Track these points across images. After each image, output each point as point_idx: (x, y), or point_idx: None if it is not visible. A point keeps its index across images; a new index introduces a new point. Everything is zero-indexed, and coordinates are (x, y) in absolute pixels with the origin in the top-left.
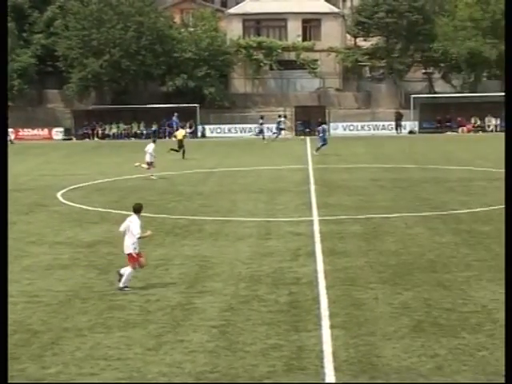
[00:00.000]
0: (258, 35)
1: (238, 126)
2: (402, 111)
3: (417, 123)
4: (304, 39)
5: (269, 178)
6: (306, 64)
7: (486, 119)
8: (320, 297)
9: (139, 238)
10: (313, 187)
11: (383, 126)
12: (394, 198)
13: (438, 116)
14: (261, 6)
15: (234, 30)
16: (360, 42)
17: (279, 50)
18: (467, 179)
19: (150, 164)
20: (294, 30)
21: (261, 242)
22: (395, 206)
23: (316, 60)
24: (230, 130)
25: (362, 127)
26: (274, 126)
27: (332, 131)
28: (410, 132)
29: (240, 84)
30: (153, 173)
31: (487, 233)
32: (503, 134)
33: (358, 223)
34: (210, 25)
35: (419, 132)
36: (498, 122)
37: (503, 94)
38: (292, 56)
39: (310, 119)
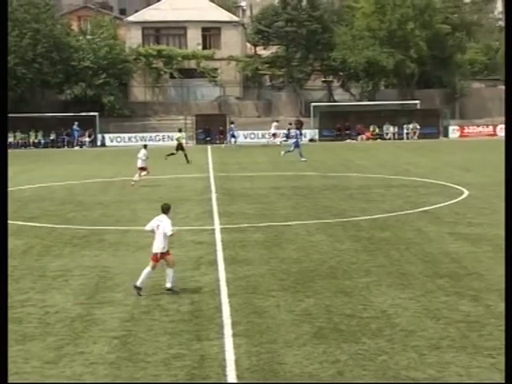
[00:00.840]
0: (158, 43)
1: (138, 134)
2: (302, 119)
3: (317, 131)
4: (204, 48)
5: (170, 187)
6: (206, 72)
7: (385, 127)
8: (222, 305)
9: (171, 235)
10: (214, 196)
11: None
12: (295, 206)
13: (338, 124)
14: (160, 14)
15: (133, 38)
16: (260, 50)
17: (179, 59)
18: (366, 186)
19: (142, 169)
20: (194, 38)
21: None
22: (296, 214)
23: (216, 68)
24: (130, 139)
25: (263, 135)
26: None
27: (233, 139)
28: (311, 140)
29: (140, 92)
30: (141, 178)
31: (386, 239)
32: (401, 142)
33: (259, 231)
34: (108, 33)
35: (319, 140)
36: (396, 129)
37: (400, 102)
38: (192, 64)
39: (210, 128)
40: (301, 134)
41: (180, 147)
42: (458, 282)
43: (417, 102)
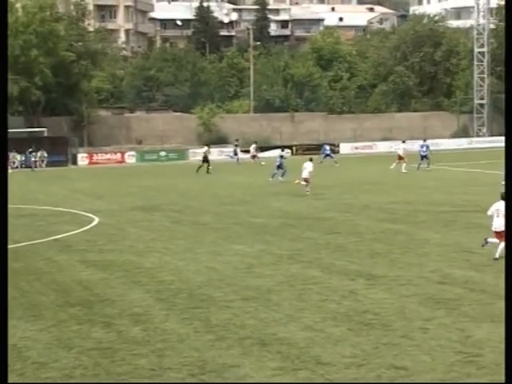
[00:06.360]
0: None
1: None
2: None
3: None
4: None
5: None
6: None
7: (11, 155)
8: None
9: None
10: None
11: None
12: None
13: None
14: None
15: None
16: None
17: None
18: None
19: (306, 180)
20: None
21: None
22: None
23: None
24: None
25: None
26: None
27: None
28: None
29: None
30: (308, 189)
31: (17, 270)
32: (29, 170)
33: None
34: None
35: None
36: (23, 158)
37: (27, 130)
38: None
39: None
40: (427, 148)
41: (206, 159)
42: (90, 310)
43: (44, 129)
